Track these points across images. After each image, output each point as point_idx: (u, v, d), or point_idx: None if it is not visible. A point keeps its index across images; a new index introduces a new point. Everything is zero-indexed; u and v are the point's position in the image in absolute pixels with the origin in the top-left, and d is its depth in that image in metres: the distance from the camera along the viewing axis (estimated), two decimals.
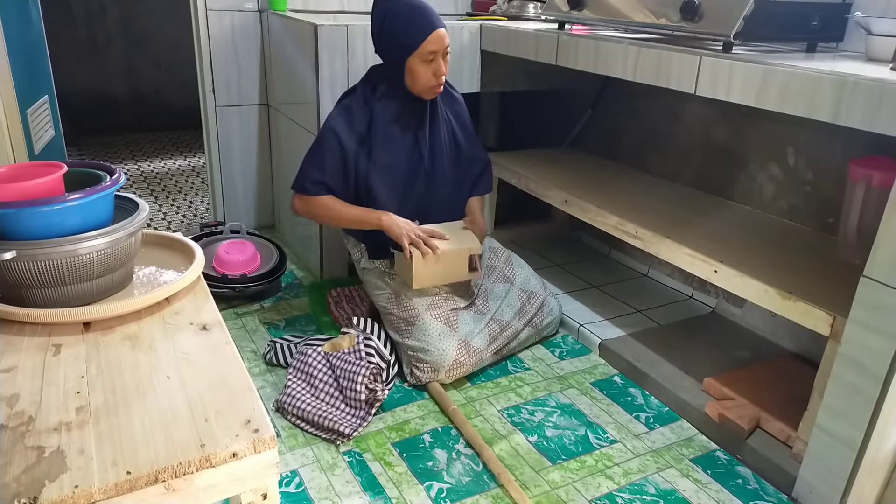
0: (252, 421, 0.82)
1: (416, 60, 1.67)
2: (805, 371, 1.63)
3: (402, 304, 1.74)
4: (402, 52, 1.67)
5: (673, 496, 1.38)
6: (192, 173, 3.50)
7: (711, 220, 1.82)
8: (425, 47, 1.65)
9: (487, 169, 1.97)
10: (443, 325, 1.70)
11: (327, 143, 1.73)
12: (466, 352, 1.69)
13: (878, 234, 1.15)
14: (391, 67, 1.73)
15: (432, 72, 1.69)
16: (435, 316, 1.71)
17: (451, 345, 1.68)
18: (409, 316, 1.72)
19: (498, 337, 1.78)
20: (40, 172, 1.02)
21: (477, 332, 1.74)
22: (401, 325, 1.73)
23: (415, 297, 1.73)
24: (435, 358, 1.66)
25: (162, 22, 4.02)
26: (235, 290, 2.03)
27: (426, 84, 1.70)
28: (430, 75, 1.69)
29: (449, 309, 1.74)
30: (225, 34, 2.37)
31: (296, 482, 1.38)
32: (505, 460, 1.46)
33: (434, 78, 1.70)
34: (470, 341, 1.71)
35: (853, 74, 1.17)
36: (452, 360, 1.67)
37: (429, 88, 1.72)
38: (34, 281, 0.98)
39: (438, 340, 1.67)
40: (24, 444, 0.76)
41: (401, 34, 1.66)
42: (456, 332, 1.71)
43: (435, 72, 1.69)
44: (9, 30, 1.85)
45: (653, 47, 1.55)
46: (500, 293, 1.86)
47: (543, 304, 1.88)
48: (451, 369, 1.67)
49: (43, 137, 2.17)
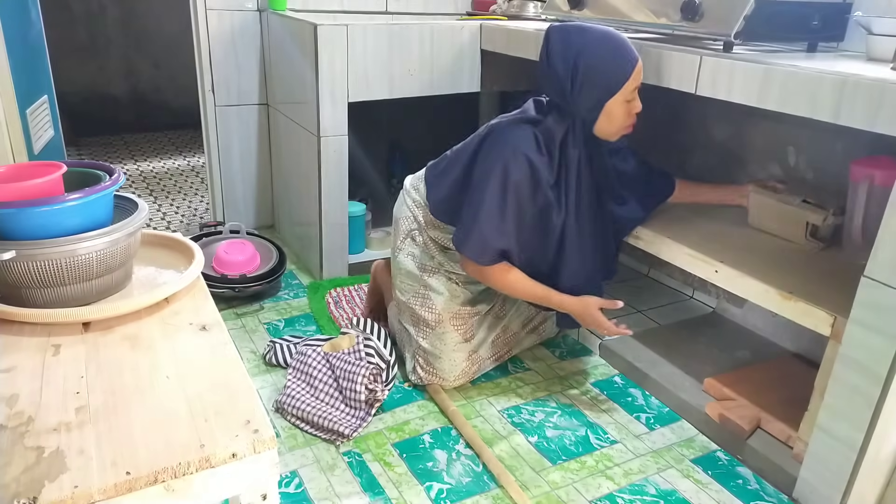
0: (252, 421, 0.81)
1: (618, 100, 1.46)
2: (806, 371, 1.63)
3: (429, 304, 1.67)
4: (604, 93, 1.46)
5: (673, 497, 1.38)
6: (192, 173, 3.49)
7: (712, 219, 1.82)
8: (630, 85, 1.45)
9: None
10: (460, 337, 1.68)
11: (510, 200, 1.48)
12: (471, 362, 1.70)
13: (878, 234, 1.15)
14: (586, 110, 1.49)
15: (629, 111, 1.49)
16: (456, 327, 1.68)
17: (462, 356, 1.68)
18: (433, 319, 1.67)
19: (502, 347, 1.78)
20: (39, 172, 1.02)
21: (487, 342, 1.74)
22: (421, 324, 1.69)
23: (445, 301, 1.67)
24: (445, 366, 1.66)
25: (162, 22, 4.02)
26: (235, 290, 2.03)
27: (622, 125, 1.51)
28: (627, 115, 1.49)
29: (472, 319, 1.71)
30: (224, 34, 2.37)
31: (295, 483, 1.38)
32: (505, 461, 1.46)
33: (629, 118, 1.50)
34: (478, 351, 1.72)
35: (854, 74, 1.17)
36: (460, 371, 1.68)
37: (623, 129, 1.52)
38: (33, 281, 0.98)
39: (453, 351, 1.67)
40: (23, 445, 0.76)
41: (604, 72, 1.44)
42: (469, 343, 1.70)
43: (632, 111, 1.49)
44: (8, 30, 1.85)
45: (653, 47, 1.55)
46: (515, 301, 1.79)
47: (550, 314, 1.84)
48: (457, 378, 1.68)
49: (42, 137, 2.17)
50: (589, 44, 1.44)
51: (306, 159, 2.19)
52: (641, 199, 1.72)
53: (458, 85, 2.18)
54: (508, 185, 1.47)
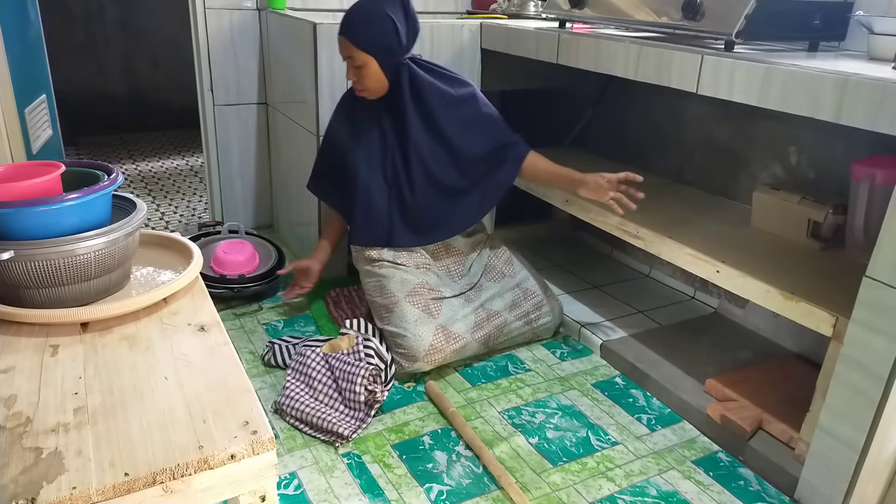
0: (250, 422, 0.81)
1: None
2: (807, 372, 1.63)
3: (384, 292, 1.75)
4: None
5: (675, 498, 1.37)
6: (191, 173, 3.49)
7: (713, 219, 1.82)
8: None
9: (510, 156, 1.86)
10: (420, 312, 1.70)
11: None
12: (445, 338, 1.69)
13: (880, 234, 1.15)
14: None
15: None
16: (413, 303, 1.71)
17: (428, 330, 1.68)
18: (389, 303, 1.73)
19: (484, 325, 1.77)
20: (38, 172, 1.01)
21: (460, 317, 1.74)
22: (381, 311, 1.75)
23: (396, 285, 1.74)
24: (411, 343, 1.66)
25: (160, 21, 4.01)
26: (234, 290, 2.02)
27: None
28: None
29: (430, 298, 1.74)
30: (223, 33, 2.36)
31: (294, 484, 1.37)
32: (505, 462, 1.45)
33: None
34: (450, 327, 1.71)
35: (855, 74, 1.16)
36: (428, 345, 1.66)
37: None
38: (31, 281, 0.97)
39: (415, 326, 1.67)
40: (21, 446, 0.75)
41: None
42: (435, 318, 1.71)
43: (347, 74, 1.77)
44: (7, 29, 1.84)
45: (654, 46, 1.55)
46: (494, 288, 1.86)
47: (541, 304, 1.88)
48: (427, 355, 1.66)
49: (41, 137, 2.16)
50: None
51: (305, 159, 2.18)
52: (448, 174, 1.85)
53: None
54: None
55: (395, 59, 1.72)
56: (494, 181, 1.85)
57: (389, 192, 1.82)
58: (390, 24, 1.67)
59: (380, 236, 1.82)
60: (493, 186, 1.86)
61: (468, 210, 1.87)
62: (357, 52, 1.68)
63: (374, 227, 1.81)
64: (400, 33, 1.68)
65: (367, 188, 1.81)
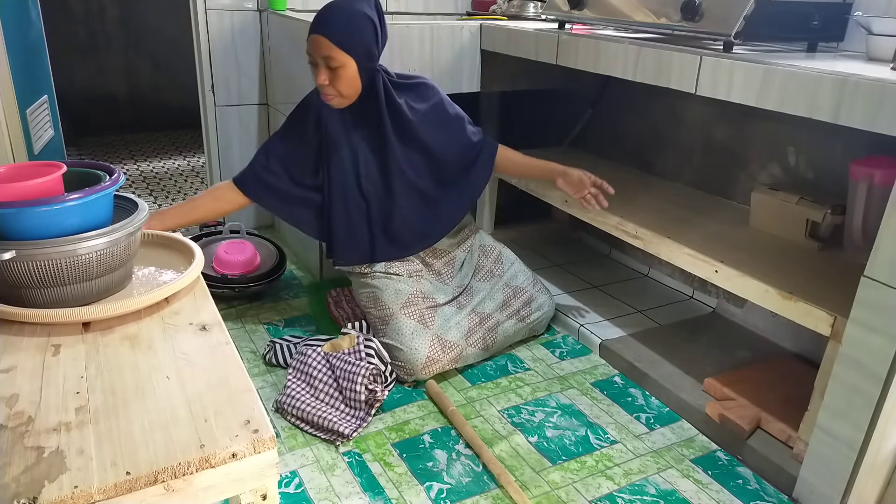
0: (252, 421, 0.81)
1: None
2: (806, 371, 1.63)
3: (378, 304, 1.74)
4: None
5: (673, 497, 1.38)
6: (192, 173, 3.49)
7: (712, 220, 1.82)
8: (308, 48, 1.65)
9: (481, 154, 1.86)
10: (416, 324, 1.70)
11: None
12: (441, 347, 1.69)
13: (878, 234, 1.15)
14: None
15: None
16: (408, 314, 1.71)
17: (424, 343, 1.67)
18: (384, 315, 1.72)
19: (477, 329, 1.77)
20: (39, 172, 1.02)
21: (453, 324, 1.74)
22: (377, 323, 1.75)
23: (390, 297, 1.73)
24: (407, 357, 1.66)
25: (161, 22, 4.02)
26: (235, 290, 2.03)
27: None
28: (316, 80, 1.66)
29: (425, 307, 1.74)
30: (224, 34, 2.37)
31: (295, 483, 1.38)
32: (505, 461, 1.46)
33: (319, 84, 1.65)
34: (444, 336, 1.71)
35: (854, 74, 1.17)
36: (425, 357, 1.66)
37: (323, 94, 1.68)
38: (33, 281, 0.98)
39: (411, 339, 1.67)
40: (23, 445, 0.76)
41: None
42: (430, 328, 1.70)
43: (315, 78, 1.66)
44: (8, 29, 1.85)
45: (653, 47, 1.55)
46: (485, 289, 1.86)
47: (531, 300, 1.88)
48: (424, 367, 1.67)
49: (42, 137, 2.16)
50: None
51: None
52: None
53: (458, 85, 2.17)
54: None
55: (371, 65, 1.66)
56: (471, 180, 1.86)
57: (368, 209, 1.78)
58: (370, 26, 1.63)
59: (363, 254, 1.80)
60: (469, 186, 1.86)
61: (449, 214, 1.86)
62: (337, 51, 1.60)
63: (356, 245, 1.79)
64: (378, 37, 1.65)
65: (345, 207, 1.76)
